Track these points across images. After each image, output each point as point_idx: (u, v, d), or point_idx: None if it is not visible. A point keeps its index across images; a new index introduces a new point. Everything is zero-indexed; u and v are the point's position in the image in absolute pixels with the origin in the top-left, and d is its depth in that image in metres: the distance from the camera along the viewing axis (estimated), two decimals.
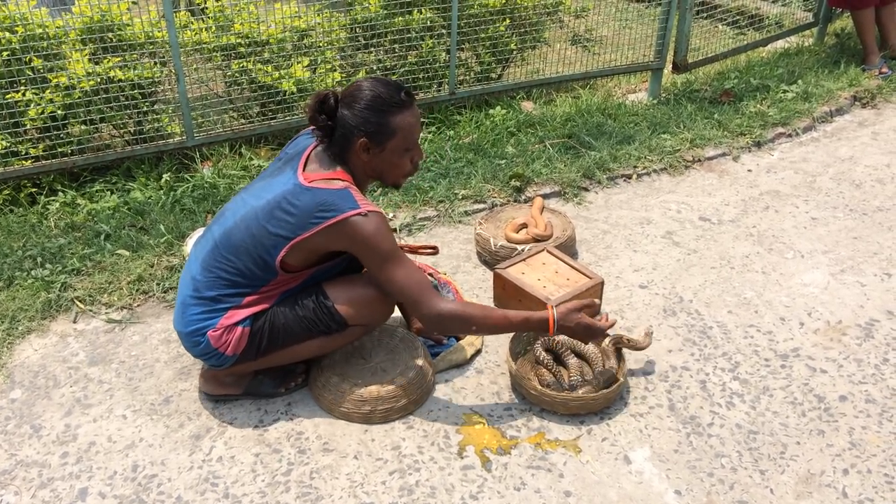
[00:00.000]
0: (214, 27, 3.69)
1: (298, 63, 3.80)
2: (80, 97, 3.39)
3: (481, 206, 3.55)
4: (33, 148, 3.40)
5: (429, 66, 4.14)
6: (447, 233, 3.39)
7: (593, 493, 2.11)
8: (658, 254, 3.24)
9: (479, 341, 2.65)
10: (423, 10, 4.05)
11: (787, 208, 3.61)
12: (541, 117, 4.29)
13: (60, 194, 3.46)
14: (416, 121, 2.22)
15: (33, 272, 2.96)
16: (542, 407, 2.37)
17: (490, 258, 3.11)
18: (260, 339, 2.24)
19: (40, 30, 3.34)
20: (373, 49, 4.12)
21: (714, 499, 2.10)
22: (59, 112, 3.38)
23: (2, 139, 3.33)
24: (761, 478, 2.16)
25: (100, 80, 3.40)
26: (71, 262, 3.02)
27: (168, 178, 3.56)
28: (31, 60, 3.32)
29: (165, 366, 2.58)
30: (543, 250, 2.97)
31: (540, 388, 2.35)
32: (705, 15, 5.41)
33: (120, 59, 3.46)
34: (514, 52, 4.51)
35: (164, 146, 3.61)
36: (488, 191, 3.62)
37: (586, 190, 3.75)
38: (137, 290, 2.92)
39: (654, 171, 3.92)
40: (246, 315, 2.21)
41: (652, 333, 2.56)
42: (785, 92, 4.73)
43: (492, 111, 4.31)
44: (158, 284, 2.95)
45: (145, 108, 3.60)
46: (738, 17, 5.64)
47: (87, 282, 2.95)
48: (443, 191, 3.58)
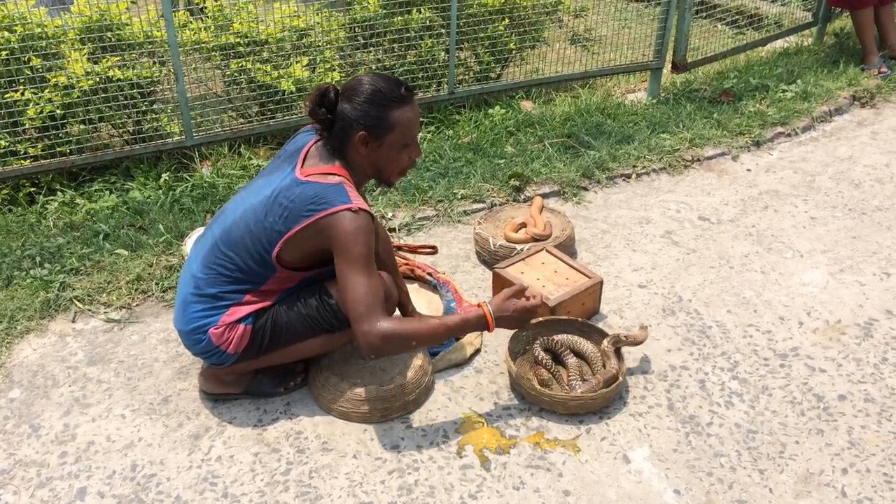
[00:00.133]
0: (213, 27, 3.69)
1: (297, 62, 3.80)
2: (78, 96, 3.39)
3: (480, 205, 3.55)
4: (32, 147, 3.40)
5: (428, 65, 4.14)
6: (446, 232, 3.39)
7: (592, 492, 2.11)
8: (657, 253, 3.24)
9: (478, 340, 2.65)
10: (423, 9, 4.05)
11: (786, 208, 3.61)
12: (540, 117, 4.29)
13: (59, 194, 3.46)
14: (416, 117, 2.22)
15: (32, 272, 2.96)
16: (541, 406, 2.37)
17: (489, 258, 3.11)
18: (262, 336, 2.24)
19: (39, 29, 3.34)
20: (372, 48, 4.12)
21: (713, 498, 2.10)
22: (58, 111, 3.38)
23: (1, 138, 3.33)
24: (760, 477, 2.16)
25: (99, 79, 3.40)
26: (70, 261, 3.01)
27: (167, 178, 3.56)
28: (29, 60, 3.32)
29: (164, 365, 2.58)
30: (542, 250, 2.97)
31: (539, 387, 2.35)
32: (704, 14, 5.41)
33: (119, 58, 3.46)
34: (514, 52, 4.50)
35: (162, 146, 3.61)
36: (487, 190, 3.62)
37: (585, 189, 3.75)
38: (136, 290, 2.92)
39: (654, 170, 3.92)
40: (248, 312, 2.21)
41: (647, 327, 2.56)
42: (784, 91, 4.73)
43: (491, 111, 4.31)
44: (157, 284, 2.95)
45: (144, 108, 3.60)
46: (737, 17, 5.64)
47: (86, 281, 2.94)
48: (442, 190, 3.57)
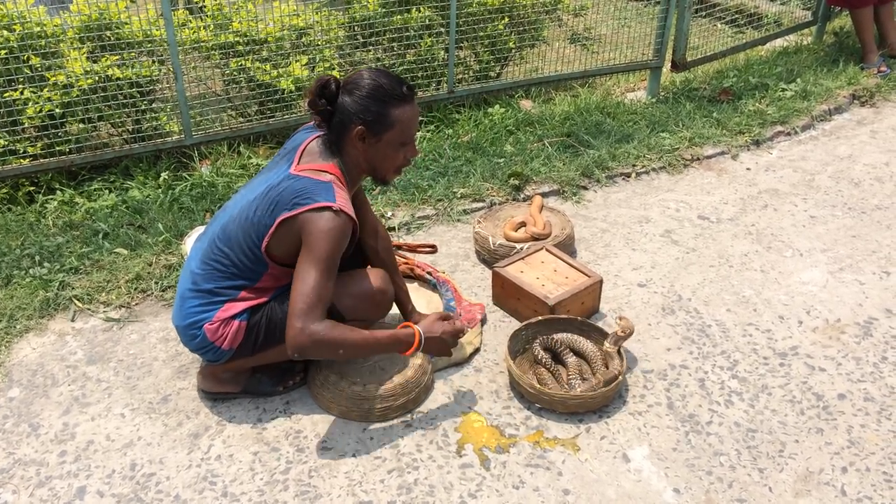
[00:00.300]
0: (213, 25, 3.69)
1: (297, 61, 3.80)
2: (78, 95, 3.38)
3: (480, 204, 3.55)
4: (31, 146, 3.40)
5: (427, 64, 4.14)
6: (446, 231, 3.39)
7: (592, 491, 2.11)
8: (657, 252, 3.24)
9: (478, 340, 2.65)
10: (422, 8, 4.04)
11: (785, 207, 3.61)
12: (539, 116, 4.29)
13: (58, 193, 3.46)
14: (415, 116, 2.22)
15: (31, 271, 2.96)
16: (541, 405, 2.37)
17: (489, 257, 3.11)
18: (257, 333, 2.24)
19: (38, 28, 3.34)
20: (371, 47, 4.12)
21: (713, 497, 2.10)
22: (58, 110, 3.38)
23: (0, 138, 3.33)
24: (760, 476, 2.16)
25: (98, 78, 3.40)
26: (69, 260, 3.01)
27: (166, 177, 3.56)
28: (29, 59, 3.32)
29: (164, 364, 2.58)
30: (542, 249, 2.97)
31: (538, 386, 2.35)
32: (704, 13, 5.41)
33: (118, 57, 3.46)
34: (513, 51, 4.50)
35: (162, 145, 3.61)
36: (487, 189, 3.62)
37: (585, 188, 3.75)
38: (135, 289, 2.92)
39: (653, 169, 3.92)
40: (242, 308, 2.22)
41: (625, 316, 2.56)
42: (784, 90, 4.73)
43: (490, 110, 4.31)
44: (157, 283, 2.95)
45: (143, 107, 3.60)
46: (736, 16, 5.64)
47: (86, 280, 2.94)
48: (441, 189, 3.57)
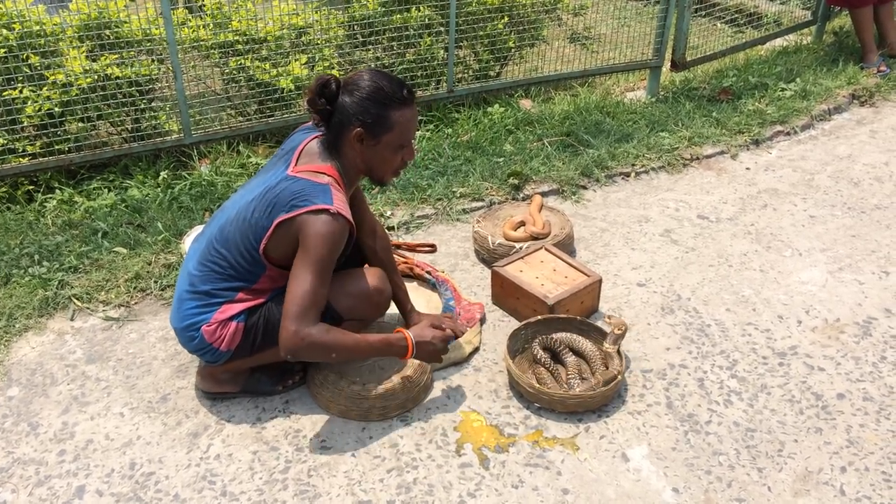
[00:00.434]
0: (212, 24, 3.69)
1: (296, 61, 3.79)
2: (77, 94, 3.38)
3: (479, 203, 3.55)
4: (30, 145, 3.40)
5: (427, 63, 4.13)
6: (445, 231, 3.39)
7: (591, 490, 2.11)
8: (656, 252, 3.24)
9: (477, 339, 2.65)
10: (422, 7, 4.04)
11: (785, 206, 3.61)
12: (539, 115, 4.29)
13: (58, 192, 3.45)
14: (415, 119, 2.22)
15: (30, 270, 2.95)
16: (540, 405, 2.37)
17: (488, 256, 3.11)
18: (255, 334, 2.24)
19: (37, 27, 3.34)
20: (371, 47, 4.12)
21: (712, 496, 2.10)
22: (57, 109, 3.37)
23: None
24: (759, 476, 2.16)
25: (97, 77, 3.40)
26: (68, 259, 3.01)
27: (166, 176, 3.56)
28: (28, 58, 3.31)
29: (163, 363, 2.58)
30: (541, 248, 2.97)
31: (538, 386, 2.35)
32: (704, 13, 5.41)
33: (117, 56, 3.46)
34: (513, 50, 4.50)
35: (161, 144, 3.61)
36: (486, 189, 3.62)
37: (584, 188, 3.75)
38: (135, 288, 2.92)
39: (653, 169, 3.92)
40: (240, 310, 2.21)
41: (612, 315, 2.57)
42: (783, 90, 4.73)
43: (490, 109, 4.31)
44: (156, 282, 2.95)
45: (143, 106, 3.60)
46: (736, 16, 5.64)
47: (85, 279, 2.94)
48: (441, 189, 3.57)
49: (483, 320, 2.77)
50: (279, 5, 3.83)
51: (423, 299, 2.81)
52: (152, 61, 3.58)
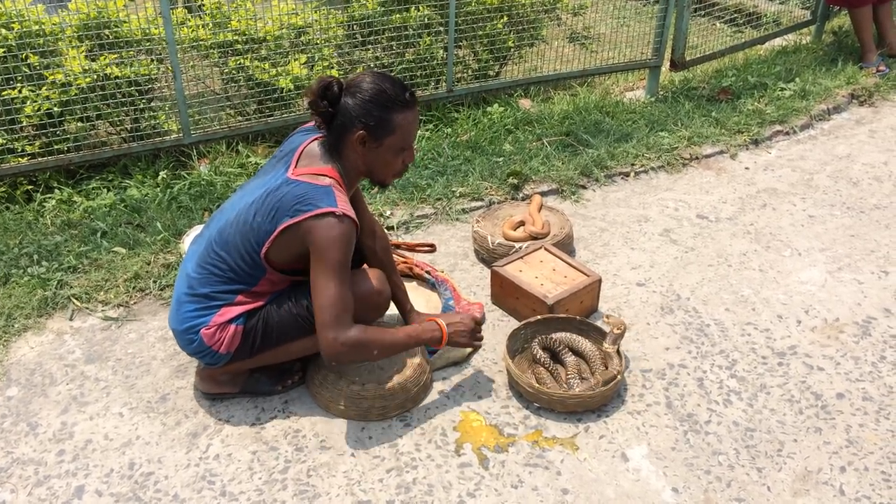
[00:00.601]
0: (211, 24, 3.68)
1: (295, 60, 3.79)
2: (76, 94, 3.38)
3: (479, 203, 3.55)
4: (29, 145, 3.39)
5: (426, 63, 4.13)
6: (445, 230, 3.39)
7: (591, 490, 2.11)
8: (655, 251, 3.24)
9: None
10: (421, 7, 4.04)
11: (784, 206, 3.61)
12: (538, 115, 4.29)
13: (57, 192, 3.45)
14: (416, 122, 2.23)
15: (29, 270, 2.95)
16: (540, 405, 2.37)
17: (487, 256, 3.11)
18: (254, 337, 2.23)
19: (37, 27, 3.33)
20: (370, 46, 4.12)
21: (711, 496, 2.10)
22: (56, 109, 3.37)
23: None
24: (758, 475, 2.16)
25: (96, 77, 3.39)
26: (67, 259, 3.01)
27: (165, 176, 3.55)
28: (27, 57, 3.31)
29: (162, 363, 2.57)
30: (541, 248, 2.97)
31: (537, 385, 2.35)
32: (703, 13, 5.41)
33: (116, 55, 3.45)
34: (512, 50, 4.50)
35: (160, 143, 3.60)
36: (486, 188, 3.61)
37: (584, 188, 3.75)
38: (134, 288, 2.92)
39: (652, 168, 3.92)
40: (239, 313, 2.21)
41: (610, 314, 2.56)
42: (782, 90, 4.73)
43: (489, 109, 4.31)
44: (155, 282, 2.94)
45: (142, 106, 3.59)
46: (735, 15, 5.64)
47: (84, 279, 2.94)
48: (440, 188, 3.57)
49: (482, 320, 2.77)
50: (278, 5, 3.82)
51: (422, 299, 2.81)
52: (151, 61, 3.57)
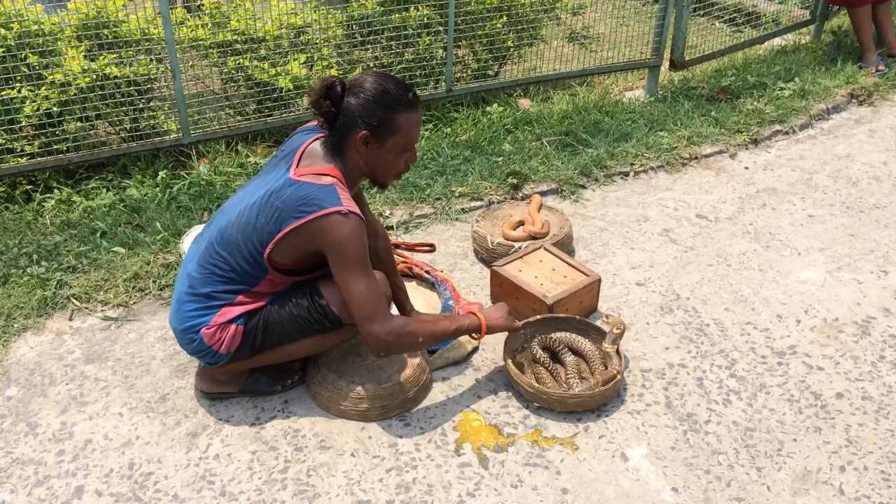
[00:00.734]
0: (211, 24, 3.68)
1: (295, 60, 3.79)
2: (75, 94, 3.38)
3: (478, 203, 3.55)
4: (29, 145, 3.39)
5: (426, 63, 4.13)
6: (444, 230, 3.39)
7: (590, 490, 2.11)
8: (655, 251, 3.24)
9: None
10: (420, 6, 4.04)
11: (783, 206, 3.62)
12: (538, 115, 4.29)
13: (56, 191, 3.45)
14: (419, 123, 2.23)
15: (29, 270, 2.95)
16: (539, 404, 2.37)
17: (487, 256, 3.11)
18: (254, 337, 2.23)
19: (36, 26, 3.33)
20: (370, 46, 4.12)
21: (711, 496, 2.10)
22: (55, 109, 3.37)
23: None
24: (758, 475, 2.16)
25: (95, 76, 3.39)
26: (67, 259, 3.01)
27: (164, 176, 3.55)
28: (26, 57, 3.31)
29: (162, 363, 2.57)
30: (540, 248, 2.97)
31: (537, 385, 2.35)
32: (702, 12, 5.41)
33: (116, 55, 3.45)
34: (511, 50, 4.50)
35: (160, 143, 3.60)
36: (485, 188, 3.61)
37: (583, 187, 3.75)
38: (133, 288, 2.92)
39: (652, 168, 3.92)
40: (239, 313, 2.21)
41: (609, 314, 2.57)
42: (782, 89, 4.73)
43: (489, 109, 4.31)
44: (154, 282, 2.94)
45: (141, 105, 3.59)
46: (735, 15, 5.64)
47: (83, 279, 2.94)
48: (440, 188, 3.57)
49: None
50: (278, 5, 3.82)
51: (422, 299, 2.81)
52: (151, 61, 3.57)
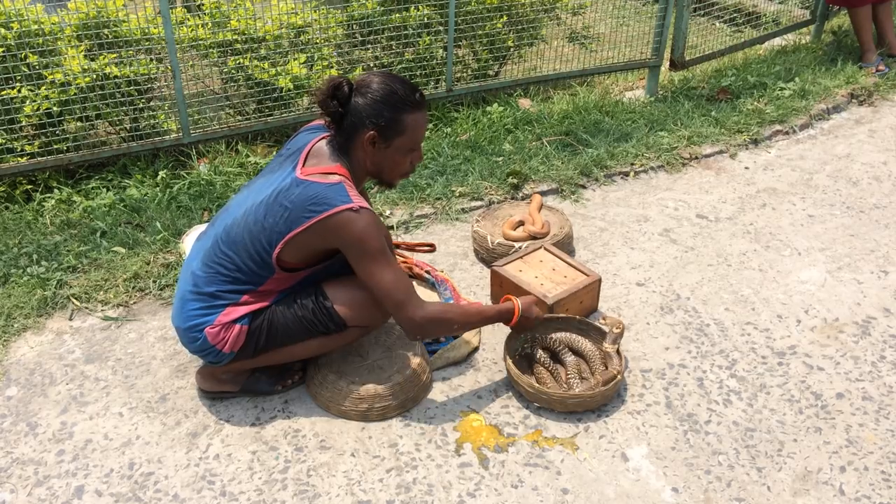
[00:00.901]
0: (211, 23, 3.68)
1: (295, 60, 3.79)
2: (75, 94, 3.38)
3: (478, 203, 3.55)
4: (29, 145, 3.39)
5: (426, 63, 4.13)
6: (444, 230, 3.39)
7: (591, 490, 2.11)
8: (655, 251, 3.24)
9: (476, 339, 2.65)
10: (420, 6, 4.04)
11: (784, 206, 3.62)
12: (538, 115, 4.29)
13: (56, 191, 3.45)
14: (425, 123, 2.24)
15: (29, 269, 2.95)
16: (540, 405, 2.37)
17: (487, 256, 3.11)
18: (258, 337, 2.23)
19: (36, 26, 3.33)
20: (370, 46, 4.11)
21: (711, 496, 2.10)
22: (55, 109, 3.37)
23: None
24: (758, 475, 2.16)
25: (96, 76, 3.39)
26: (67, 259, 3.01)
27: (164, 176, 3.55)
28: (26, 57, 3.31)
29: (162, 363, 2.57)
30: (541, 248, 2.97)
31: (537, 385, 2.35)
32: (703, 12, 5.41)
33: (116, 55, 3.45)
34: (512, 50, 4.50)
35: (160, 143, 3.60)
36: (485, 188, 3.61)
37: (584, 187, 3.75)
38: (133, 288, 2.91)
39: (652, 168, 3.92)
40: (244, 312, 2.21)
41: (607, 315, 2.55)
42: (782, 89, 4.73)
43: (489, 108, 4.31)
44: (155, 282, 2.94)
45: (141, 105, 3.59)
46: (735, 15, 5.64)
47: (83, 279, 2.94)
48: (440, 188, 3.57)
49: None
50: (278, 4, 3.82)
51: None
52: (151, 60, 3.57)
